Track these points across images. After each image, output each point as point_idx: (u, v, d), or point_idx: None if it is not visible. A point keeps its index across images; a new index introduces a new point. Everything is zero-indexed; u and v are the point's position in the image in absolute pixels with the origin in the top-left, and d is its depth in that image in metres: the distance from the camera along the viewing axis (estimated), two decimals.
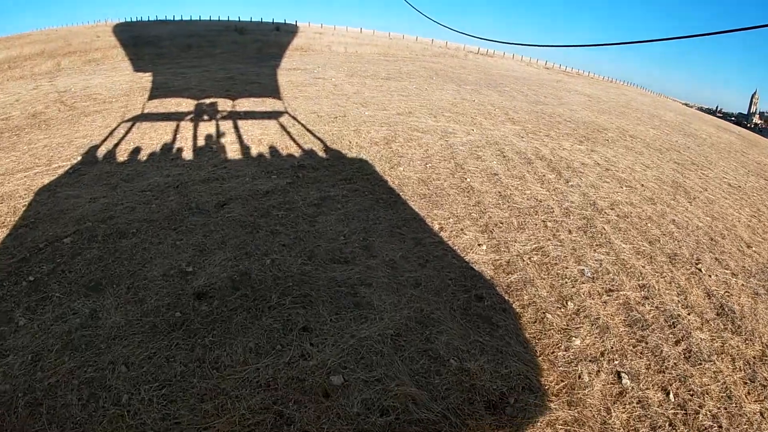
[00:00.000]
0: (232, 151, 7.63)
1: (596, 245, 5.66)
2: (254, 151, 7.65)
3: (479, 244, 5.53)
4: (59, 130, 9.09)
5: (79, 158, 7.35)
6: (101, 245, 4.72)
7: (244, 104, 11.07)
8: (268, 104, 11.12)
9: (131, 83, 14.07)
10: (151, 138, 8.23)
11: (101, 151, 7.58)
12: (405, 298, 4.17)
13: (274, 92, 12.36)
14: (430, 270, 4.75)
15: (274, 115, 9.85)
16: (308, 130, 9.12)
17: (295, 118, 9.78)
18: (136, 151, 7.54)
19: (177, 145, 7.82)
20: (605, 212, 6.77)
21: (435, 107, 12.70)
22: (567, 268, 5.06)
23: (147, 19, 44.57)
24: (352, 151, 8.04)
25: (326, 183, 6.61)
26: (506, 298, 4.42)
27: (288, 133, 8.81)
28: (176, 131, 8.61)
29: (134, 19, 43.24)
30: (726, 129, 22.86)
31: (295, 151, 7.76)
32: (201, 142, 8.05)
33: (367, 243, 5.12)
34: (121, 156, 7.36)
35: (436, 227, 5.78)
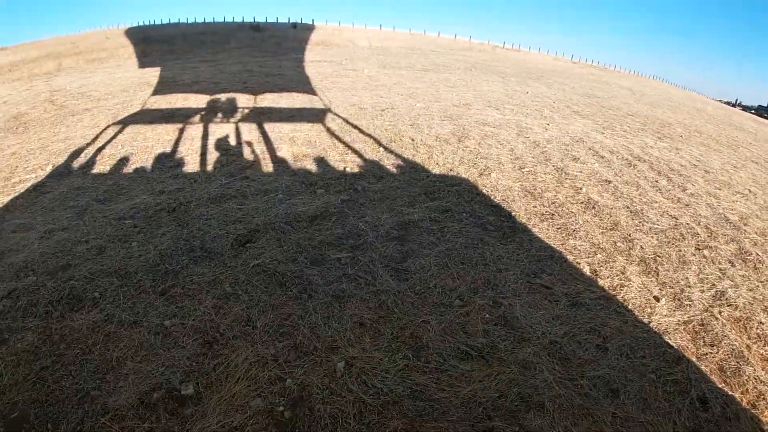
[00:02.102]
0: (256, 154, 5.41)
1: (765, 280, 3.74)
2: (286, 153, 5.41)
3: (655, 298, 3.33)
4: (37, 134, 7.05)
5: (49, 169, 5.25)
6: (40, 325, 2.56)
7: (267, 98, 8.87)
8: (297, 98, 8.90)
9: (133, 79, 12.10)
10: (146, 140, 6.07)
11: (79, 160, 5.46)
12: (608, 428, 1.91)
13: (302, 84, 10.18)
14: (617, 357, 2.59)
15: (308, 113, 7.61)
16: (353, 125, 6.86)
17: (335, 114, 7.52)
18: (125, 158, 5.38)
19: (180, 148, 5.64)
20: (743, 230, 4.78)
21: (491, 99, 10.48)
22: (764, 324, 2.85)
23: (161, 23, 43.30)
24: (419, 152, 5.75)
25: (400, 200, 4.34)
26: (728, 391, 2.40)
27: (328, 129, 6.56)
28: (181, 132, 6.44)
29: (148, 23, 41.96)
30: (763, 122, 20.28)
31: (343, 154, 5.51)
32: (212, 144, 5.86)
33: (503, 310, 2.87)
34: (103, 165, 5.21)
35: (587, 271, 3.51)
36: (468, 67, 17.98)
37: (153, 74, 12.71)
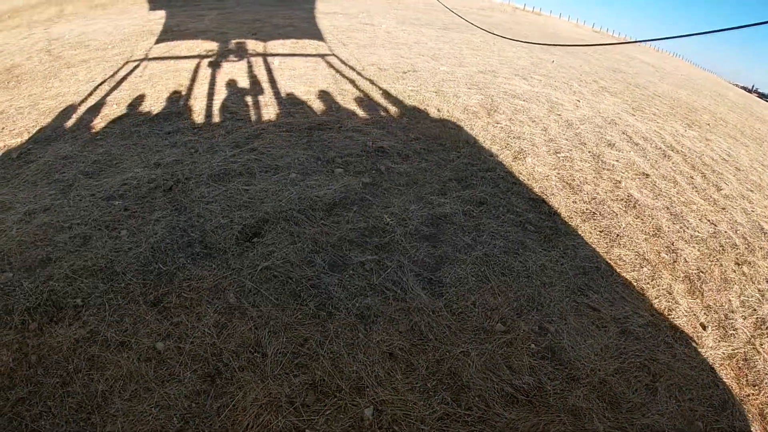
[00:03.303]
0: (265, 119, 4.80)
1: None
2: (299, 121, 4.78)
3: (702, 326, 3.09)
4: (28, 89, 6.45)
5: (36, 130, 4.69)
6: (15, 340, 2.16)
7: (277, 51, 8.08)
8: (310, 52, 8.10)
9: (136, 27, 11.26)
10: (143, 99, 5.45)
11: (69, 121, 4.89)
12: None
13: (316, 37, 9.30)
14: (666, 399, 2.45)
15: (323, 72, 6.87)
16: (374, 88, 6.15)
17: (354, 74, 6.77)
18: (119, 120, 4.80)
19: (180, 109, 5.03)
20: None
21: (517, 67, 9.70)
22: None
23: None
24: (447, 126, 5.10)
25: (430, 186, 3.77)
26: None
27: (346, 91, 5.87)
28: (181, 89, 5.80)
29: None
30: None
31: (363, 123, 4.87)
32: (217, 104, 5.23)
33: (550, 339, 2.48)
34: (95, 127, 4.65)
35: (634, 288, 3.10)
36: (489, 28, 16.85)
37: (157, 21, 11.83)
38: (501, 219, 3.60)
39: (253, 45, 8.45)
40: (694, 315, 3.12)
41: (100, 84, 6.16)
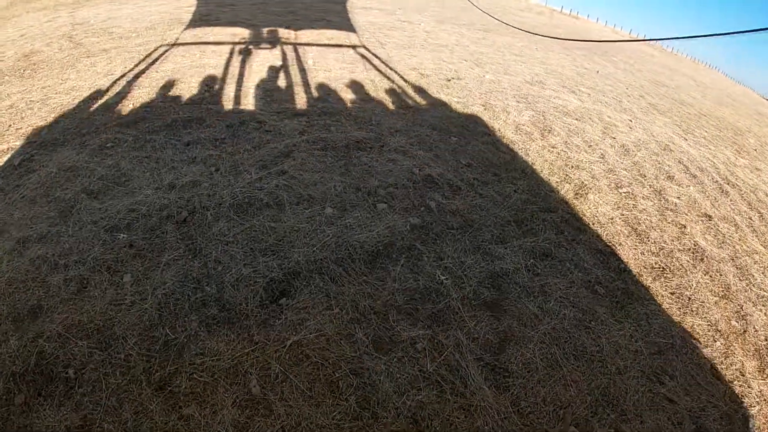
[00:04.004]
0: (296, 132, 4.25)
1: None
2: (336, 136, 4.22)
3: None
4: (42, 80, 6.03)
5: (45, 132, 4.24)
6: None
7: (311, 46, 7.51)
8: (347, 53, 7.52)
9: (164, 14, 10.82)
10: (163, 99, 4.95)
11: (80, 123, 4.41)
12: None
13: (351, 33, 8.71)
14: None
15: (362, 76, 6.28)
16: (417, 93, 5.55)
17: (395, 80, 6.18)
18: (133, 122, 4.31)
19: (202, 112, 4.53)
20: None
21: (564, 77, 9.07)
22: None
23: None
24: (499, 149, 4.49)
25: (486, 230, 3.21)
26: None
27: (386, 101, 5.28)
28: (206, 89, 5.29)
29: None
30: None
31: (407, 141, 4.29)
32: (243, 109, 4.70)
33: None
34: (106, 132, 4.17)
35: (708, 369, 2.64)
36: (528, 31, 16.19)
37: (186, 9, 11.38)
38: (568, 278, 3.02)
39: (284, 38, 7.91)
40: (765, 400, 2.57)
41: (119, 79, 5.69)
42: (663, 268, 3.56)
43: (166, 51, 6.86)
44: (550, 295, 2.85)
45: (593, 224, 3.83)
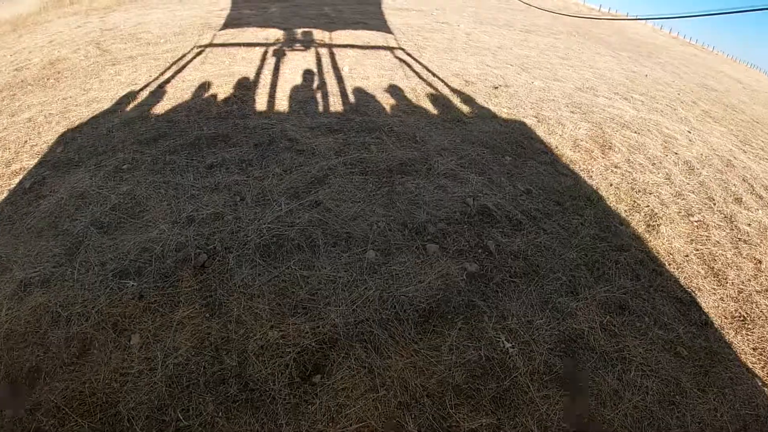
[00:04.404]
0: (332, 153, 3.80)
1: None
2: (376, 157, 3.74)
3: None
4: (64, 90, 5.80)
5: (60, 150, 3.93)
6: None
7: (347, 51, 7.07)
8: (383, 53, 7.04)
9: (194, 18, 10.63)
10: (189, 111, 4.59)
11: (96, 138, 4.11)
12: None
13: (388, 36, 8.24)
14: None
15: (403, 84, 5.79)
16: (463, 104, 5.02)
17: (439, 88, 5.66)
18: (153, 139, 3.94)
19: (228, 128, 4.14)
20: None
21: (614, 82, 8.44)
22: None
23: None
24: (560, 172, 3.92)
25: (554, 278, 2.70)
26: None
27: (431, 114, 4.78)
28: (235, 100, 4.89)
29: None
30: None
31: (457, 159, 3.78)
32: (273, 125, 4.28)
33: None
34: (123, 151, 3.82)
35: None
36: (570, 31, 15.44)
37: (216, 14, 11.17)
38: (648, 337, 2.48)
39: (318, 40, 7.50)
40: None
41: (142, 89, 5.38)
42: (743, 317, 3.03)
43: (194, 58, 6.55)
44: (630, 362, 2.32)
45: (669, 264, 3.25)
